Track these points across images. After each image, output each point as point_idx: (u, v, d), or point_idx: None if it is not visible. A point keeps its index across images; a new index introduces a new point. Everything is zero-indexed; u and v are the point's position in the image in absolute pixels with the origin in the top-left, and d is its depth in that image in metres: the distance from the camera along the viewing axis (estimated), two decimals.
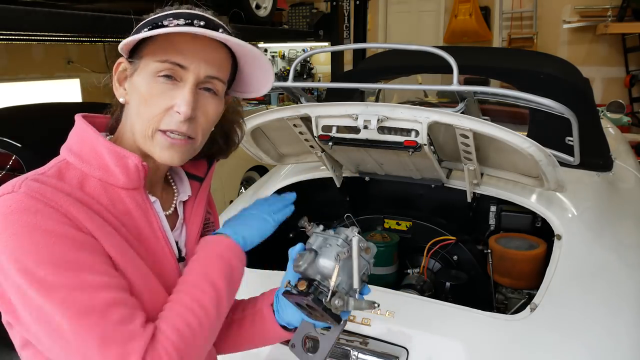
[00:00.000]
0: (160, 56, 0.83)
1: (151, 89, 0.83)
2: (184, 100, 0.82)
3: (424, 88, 3.74)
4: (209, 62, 0.84)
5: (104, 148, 0.85)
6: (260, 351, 1.55)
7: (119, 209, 0.84)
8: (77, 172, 0.83)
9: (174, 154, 0.85)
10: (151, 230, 0.88)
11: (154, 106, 0.83)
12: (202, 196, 1.02)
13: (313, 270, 0.86)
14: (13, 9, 2.41)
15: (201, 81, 0.85)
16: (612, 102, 3.97)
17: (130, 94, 0.86)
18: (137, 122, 0.85)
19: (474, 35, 7.16)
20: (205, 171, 1.04)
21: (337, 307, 0.83)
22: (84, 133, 0.87)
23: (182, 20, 0.82)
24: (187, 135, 0.85)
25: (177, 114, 0.83)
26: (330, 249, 0.86)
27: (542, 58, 2.94)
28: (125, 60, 0.87)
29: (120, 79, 0.89)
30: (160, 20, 0.83)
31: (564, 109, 1.63)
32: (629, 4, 6.22)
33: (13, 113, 3.23)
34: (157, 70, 0.83)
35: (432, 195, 2.16)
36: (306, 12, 6.38)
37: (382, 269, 1.91)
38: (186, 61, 0.83)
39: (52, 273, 0.72)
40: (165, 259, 0.89)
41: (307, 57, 6.14)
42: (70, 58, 6.32)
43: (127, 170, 0.84)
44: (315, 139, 1.71)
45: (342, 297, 0.83)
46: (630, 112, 6.21)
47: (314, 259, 0.87)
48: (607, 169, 2.22)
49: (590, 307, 1.47)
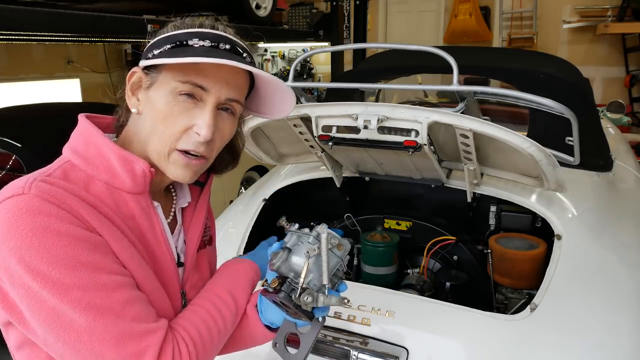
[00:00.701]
0: (182, 77, 0.81)
1: (171, 108, 0.82)
2: (205, 123, 0.82)
3: (424, 88, 3.74)
4: (231, 85, 0.84)
5: (111, 152, 0.84)
6: (261, 351, 1.55)
7: (124, 212, 0.84)
8: (82, 174, 0.83)
9: (187, 173, 0.86)
10: (154, 235, 0.88)
11: (173, 125, 0.82)
12: (203, 202, 1.02)
13: (286, 268, 0.88)
14: (13, 9, 2.41)
15: (221, 103, 0.84)
16: (612, 102, 3.97)
17: (145, 106, 0.85)
18: (153, 139, 0.84)
19: (474, 35, 7.16)
20: (206, 177, 1.04)
21: (306, 303, 0.84)
22: (90, 135, 0.86)
23: (208, 42, 0.82)
24: (203, 156, 0.86)
25: (197, 135, 0.82)
26: (302, 247, 0.87)
27: (542, 58, 2.94)
28: (141, 70, 0.86)
29: (134, 89, 0.87)
30: (184, 39, 0.82)
31: (564, 109, 1.63)
32: (629, 4, 6.21)
33: (13, 113, 3.23)
34: (178, 90, 0.82)
35: (432, 195, 2.16)
36: (306, 12, 6.39)
37: (382, 269, 1.91)
38: (208, 84, 0.82)
39: (67, 274, 0.72)
40: (165, 264, 0.90)
41: (307, 57, 6.13)
42: (70, 58, 6.32)
43: (134, 175, 0.84)
44: (315, 139, 1.71)
45: (311, 294, 0.84)
46: (630, 112, 6.21)
47: (287, 257, 0.88)
48: (607, 169, 2.21)
49: (590, 307, 1.47)
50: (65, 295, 0.72)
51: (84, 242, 0.75)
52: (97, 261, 0.75)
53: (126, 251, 0.81)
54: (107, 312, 0.73)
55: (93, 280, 0.74)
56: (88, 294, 0.73)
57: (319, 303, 0.86)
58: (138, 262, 0.82)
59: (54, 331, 0.73)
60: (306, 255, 0.84)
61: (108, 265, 0.76)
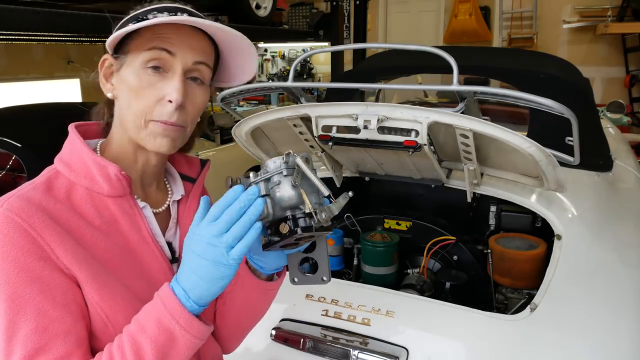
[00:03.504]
0: (147, 45, 0.84)
1: (141, 81, 0.84)
2: (175, 88, 0.84)
3: (424, 88, 3.74)
4: (195, 48, 0.86)
5: (89, 158, 0.87)
6: (260, 351, 1.55)
7: (105, 217, 0.86)
8: (66, 180, 0.86)
9: (165, 141, 0.86)
10: (140, 236, 0.89)
11: (145, 98, 0.84)
12: (195, 196, 1.02)
13: (280, 210, 0.83)
14: (13, 9, 2.40)
15: (189, 69, 0.86)
16: (612, 102, 3.97)
17: (119, 88, 0.88)
18: (129, 115, 0.86)
19: (474, 35, 7.16)
20: (198, 172, 1.05)
21: (325, 219, 0.82)
22: (73, 143, 0.90)
23: (166, 14, 0.84)
24: (179, 125, 0.86)
25: (169, 103, 0.84)
26: (283, 182, 0.83)
27: (542, 58, 2.94)
28: (111, 56, 0.89)
29: (107, 75, 0.90)
30: (144, 15, 0.85)
31: (564, 109, 1.63)
32: (629, 4, 6.22)
33: (13, 113, 3.23)
34: (145, 61, 0.84)
35: (432, 195, 2.16)
36: (306, 12, 6.38)
37: (382, 269, 1.91)
38: (173, 48, 0.84)
39: (1, 300, 0.76)
40: (156, 263, 0.90)
41: (307, 57, 6.13)
42: (70, 58, 6.31)
43: (110, 179, 0.86)
44: (315, 139, 1.71)
45: (323, 210, 0.82)
46: (630, 112, 6.21)
47: (275, 202, 0.83)
48: (607, 169, 2.21)
49: (590, 307, 1.47)
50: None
51: (29, 272, 0.76)
52: (32, 296, 0.76)
53: (105, 255, 0.83)
54: (17, 351, 0.75)
55: (21, 315, 0.76)
56: (13, 326, 0.76)
57: (335, 210, 0.84)
58: (122, 263, 0.85)
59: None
60: (295, 185, 0.82)
61: (41, 303, 0.77)
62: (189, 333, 0.76)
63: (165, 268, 0.92)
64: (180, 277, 0.78)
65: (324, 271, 0.92)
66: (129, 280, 0.85)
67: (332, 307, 1.54)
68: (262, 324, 1.07)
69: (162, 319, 0.76)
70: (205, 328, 0.79)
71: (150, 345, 0.75)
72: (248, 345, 1.47)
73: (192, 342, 0.78)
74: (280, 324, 1.55)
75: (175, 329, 0.76)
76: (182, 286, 0.77)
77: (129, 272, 0.85)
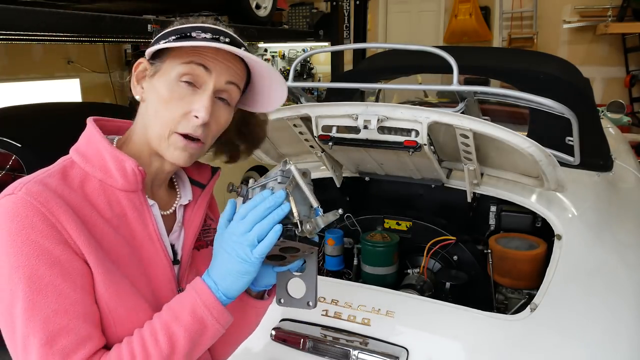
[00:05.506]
0: (185, 59, 0.86)
1: (172, 92, 0.87)
2: (203, 105, 0.86)
3: (424, 88, 3.74)
4: (230, 69, 0.89)
5: (106, 151, 0.89)
6: (260, 351, 1.55)
7: (116, 210, 0.87)
8: (80, 171, 0.88)
9: (184, 155, 0.89)
10: (146, 233, 0.90)
11: (173, 109, 0.87)
12: (202, 202, 1.04)
13: None
14: (13, 9, 2.41)
15: (220, 89, 0.89)
16: (612, 102, 3.96)
17: (148, 93, 0.90)
18: (155, 122, 0.88)
19: (474, 35, 7.16)
20: (208, 179, 1.07)
21: (309, 230, 0.83)
22: (91, 135, 0.91)
23: (209, 35, 0.86)
24: (199, 139, 0.89)
25: (195, 119, 0.86)
26: (276, 190, 0.84)
27: (542, 58, 2.94)
28: (146, 60, 0.91)
29: (139, 78, 0.92)
30: (187, 32, 0.87)
31: (564, 109, 1.63)
32: (629, 4, 6.22)
33: (13, 113, 3.23)
34: (180, 74, 0.87)
35: (432, 195, 2.16)
36: (306, 12, 6.38)
37: (382, 269, 1.91)
38: (210, 64, 0.87)
39: (17, 283, 0.77)
40: (159, 262, 0.91)
41: (307, 57, 6.13)
42: (70, 58, 6.32)
43: (125, 173, 0.88)
44: (315, 139, 1.71)
45: (309, 222, 0.84)
46: (630, 112, 6.20)
47: None
48: (607, 169, 2.21)
49: (590, 307, 1.47)
50: (15, 302, 0.77)
51: (48, 255, 0.78)
52: (51, 279, 0.78)
53: (113, 247, 0.84)
54: (39, 333, 0.76)
55: (41, 297, 0.77)
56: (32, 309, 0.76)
57: (321, 224, 0.86)
58: (127, 257, 0.86)
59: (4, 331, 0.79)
60: (287, 192, 0.83)
61: (61, 285, 0.78)
62: (219, 323, 0.83)
63: (167, 267, 0.93)
64: (211, 271, 0.85)
65: (310, 296, 0.93)
66: (133, 275, 0.86)
67: (332, 307, 1.55)
68: (262, 324, 1.07)
69: (197, 309, 0.82)
70: (231, 319, 0.86)
71: (184, 333, 0.81)
72: (248, 345, 1.47)
73: (219, 332, 0.85)
74: (280, 324, 1.55)
75: (207, 319, 0.82)
76: (213, 279, 0.84)
77: (133, 267, 0.87)
